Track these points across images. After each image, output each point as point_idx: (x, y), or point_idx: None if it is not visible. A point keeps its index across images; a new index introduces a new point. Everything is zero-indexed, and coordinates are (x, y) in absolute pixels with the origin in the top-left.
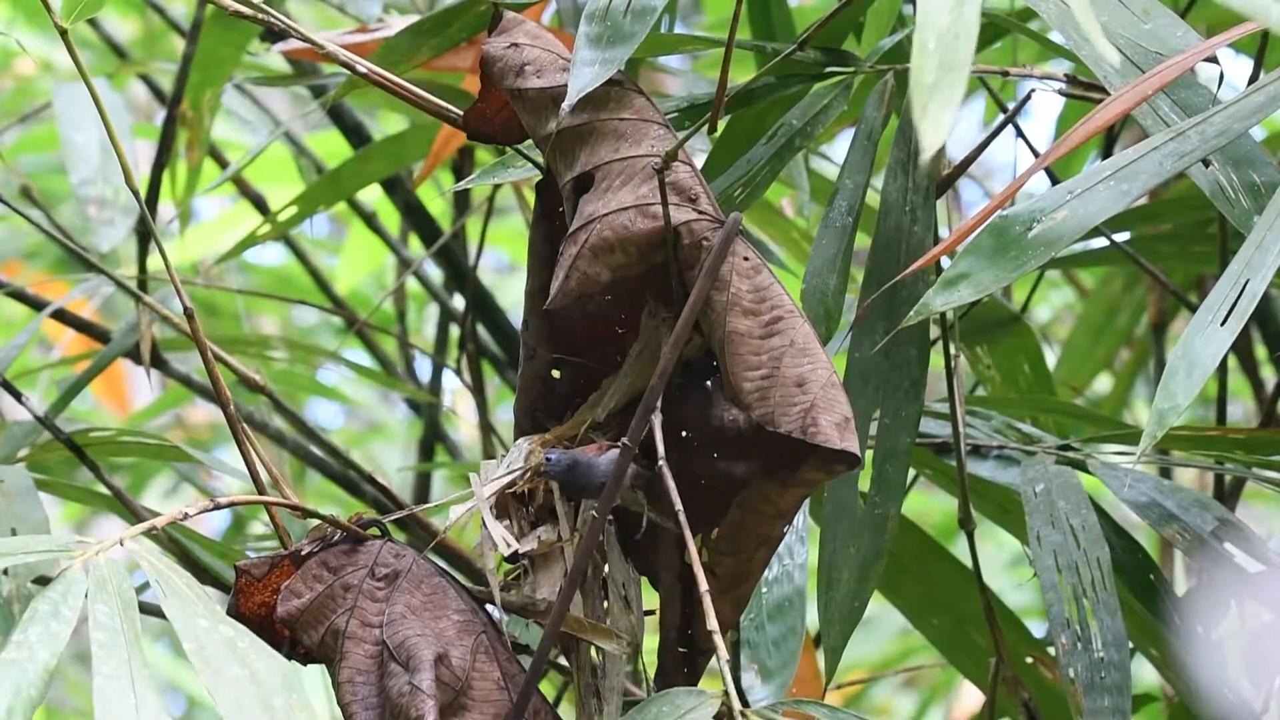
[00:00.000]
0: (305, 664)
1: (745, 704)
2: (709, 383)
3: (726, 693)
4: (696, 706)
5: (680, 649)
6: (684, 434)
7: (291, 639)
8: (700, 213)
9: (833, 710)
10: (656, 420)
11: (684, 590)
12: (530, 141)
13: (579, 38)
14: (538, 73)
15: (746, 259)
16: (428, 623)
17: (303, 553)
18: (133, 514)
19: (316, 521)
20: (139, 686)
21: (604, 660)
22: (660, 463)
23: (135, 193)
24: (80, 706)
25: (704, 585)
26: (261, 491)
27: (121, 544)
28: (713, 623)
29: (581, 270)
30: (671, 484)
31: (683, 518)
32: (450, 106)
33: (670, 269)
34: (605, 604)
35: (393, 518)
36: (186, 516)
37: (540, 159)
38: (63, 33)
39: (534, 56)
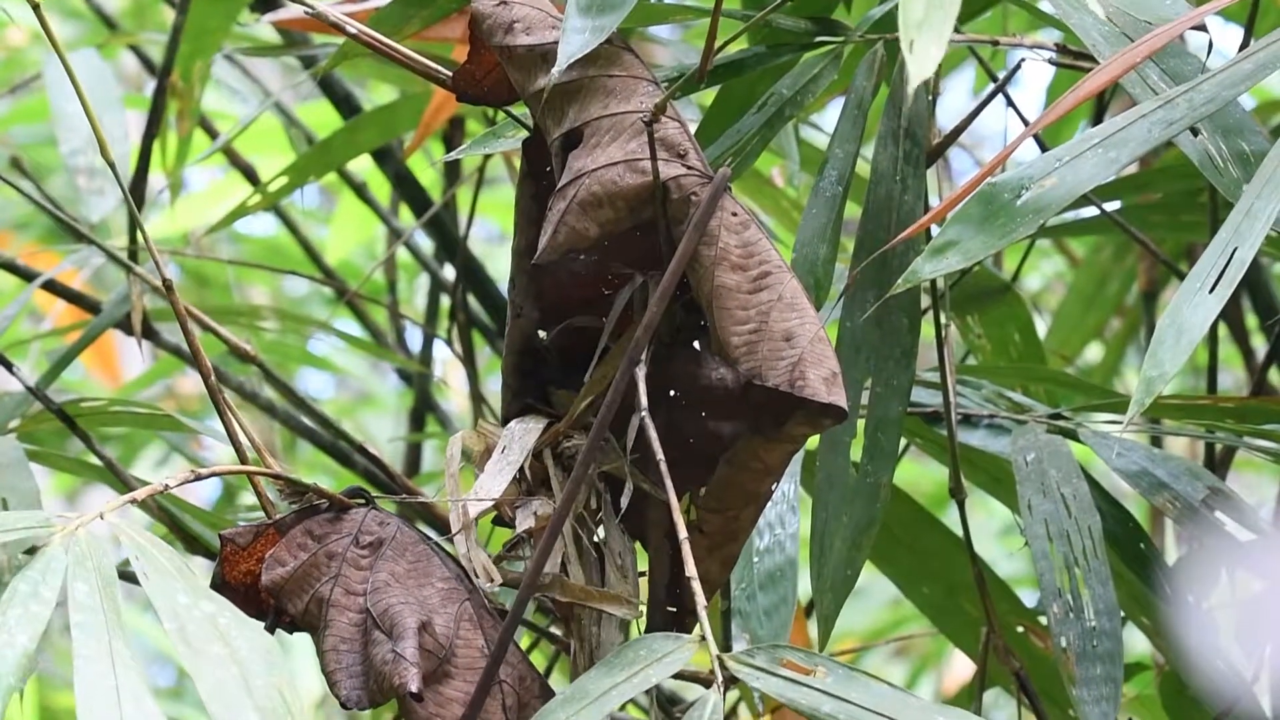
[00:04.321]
0: (291, 633)
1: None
2: (696, 343)
3: (704, 638)
4: (674, 650)
5: (669, 608)
6: (672, 394)
7: (277, 608)
8: (689, 168)
9: (809, 654)
10: (640, 373)
11: (673, 549)
12: (519, 104)
13: (569, 4)
14: (527, 30)
15: (735, 214)
16: (411, 590)
17: (286, 521)
18: (123, 484)
19: (297, 504)
20: (120, 668)
21: (599, 630)
22: (643, 413)
23: (111, 165)
24: (70, 677)
25: (683, 532)
26: (245, 461)
27: (102, 517)
28: (691, 569)
29: (570, 225)
30: (654, 434)
31: (664, 470)
32: (439, 67)
33: (659, 225)
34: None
35: (391, 500)
36: (167, 488)
37: (529, 120)
38: (35, 8)
39: (523, 14)
